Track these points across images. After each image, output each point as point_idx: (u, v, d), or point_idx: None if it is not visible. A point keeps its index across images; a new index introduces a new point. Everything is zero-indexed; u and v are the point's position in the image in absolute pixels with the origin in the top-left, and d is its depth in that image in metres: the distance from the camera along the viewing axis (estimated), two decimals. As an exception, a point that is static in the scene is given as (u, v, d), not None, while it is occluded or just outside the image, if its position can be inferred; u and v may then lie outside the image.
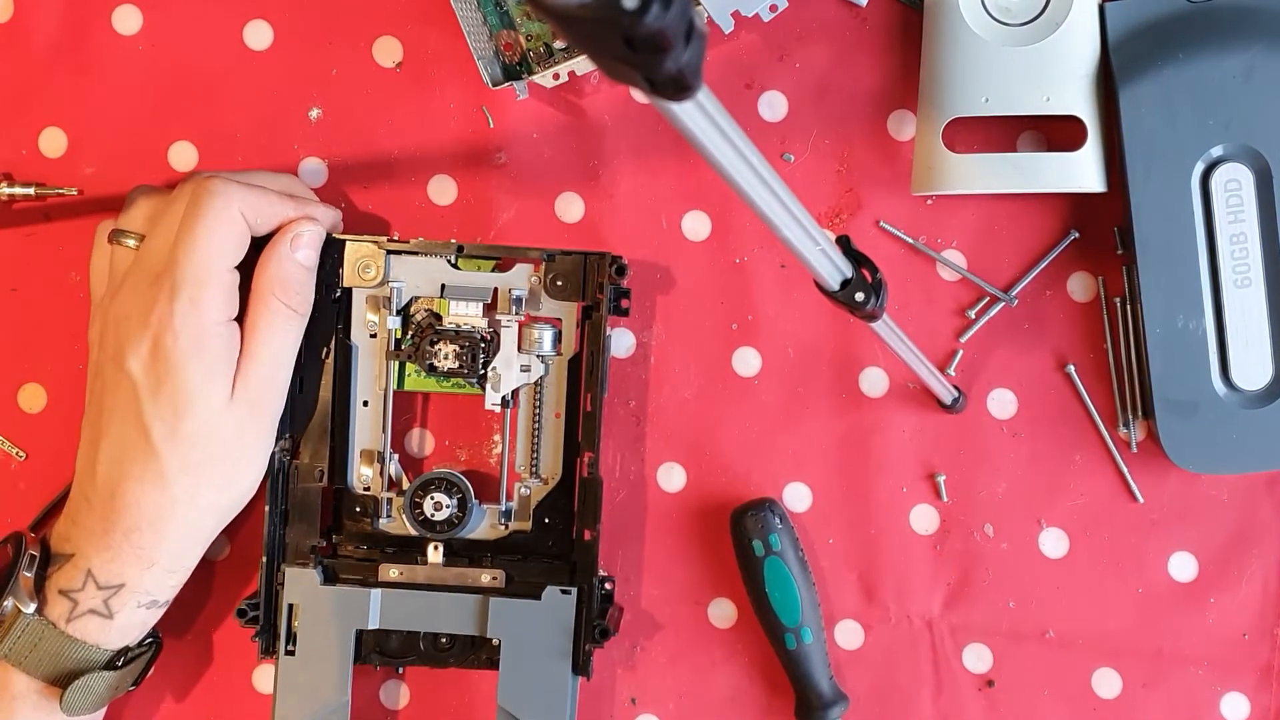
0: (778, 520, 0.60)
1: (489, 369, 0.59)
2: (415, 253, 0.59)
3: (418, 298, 0.60)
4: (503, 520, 0.60)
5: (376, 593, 0.58)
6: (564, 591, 0.57)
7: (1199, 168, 0.58)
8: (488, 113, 0.62)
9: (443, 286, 0.59)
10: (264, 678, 0.62)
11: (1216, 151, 0.57)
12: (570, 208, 0.62)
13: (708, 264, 0.62)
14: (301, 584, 0.58)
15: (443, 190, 0.62)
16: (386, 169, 0.62)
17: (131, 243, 0.56)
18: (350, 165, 0.62)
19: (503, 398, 0.60)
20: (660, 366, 0.62)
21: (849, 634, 0.62)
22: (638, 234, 0.62)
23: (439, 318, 0.60)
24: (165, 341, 0.53)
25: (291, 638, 0.58)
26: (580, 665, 0.58)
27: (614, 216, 0.62)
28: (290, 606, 0.58)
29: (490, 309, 0.59)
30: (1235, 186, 0.58)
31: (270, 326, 0.55)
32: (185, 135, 0.63)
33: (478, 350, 0.59)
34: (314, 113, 0.63)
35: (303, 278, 0.56)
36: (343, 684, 0.57)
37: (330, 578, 0.59)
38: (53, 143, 0.63)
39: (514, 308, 0.59)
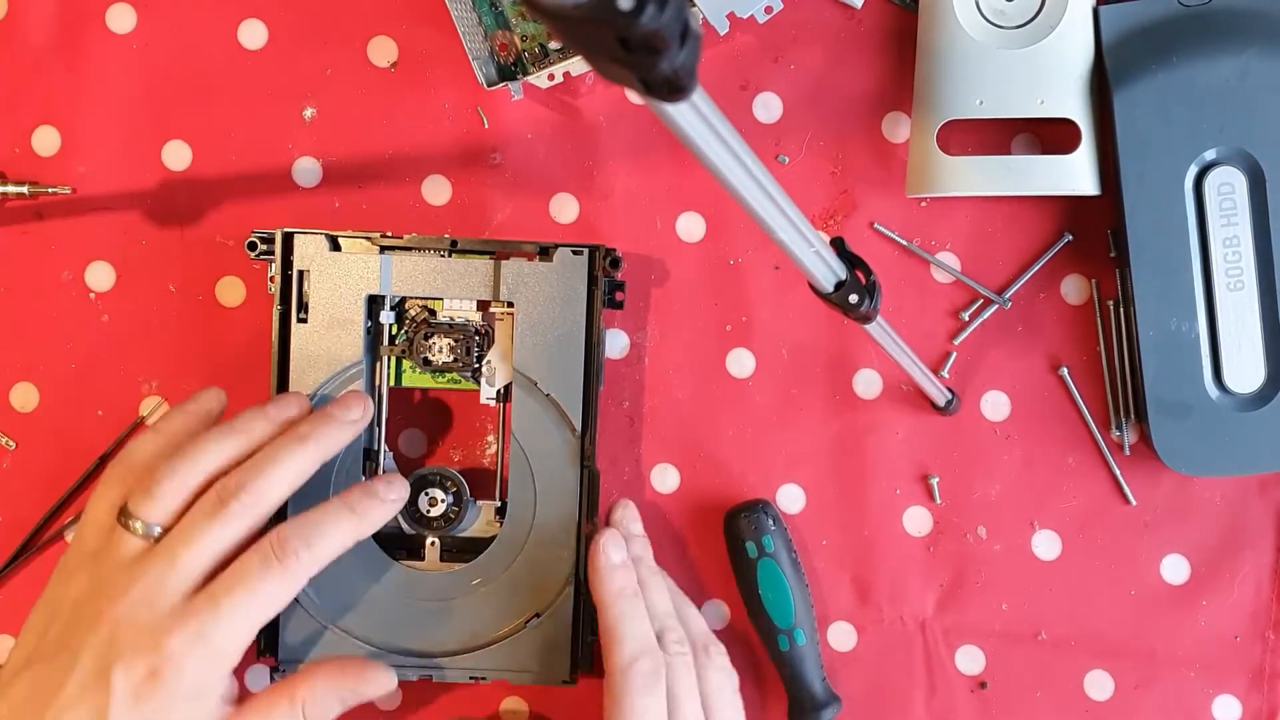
0: (771, 522, 0.60)
1: (483, 363, 0.59)
2: (409, 248, 0.59)
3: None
4: (498, 516, 0.60)
5: (387, 258, 0.58)
6: (575, 252, 0.58)
7: (1192, 171, 0.58)
8: (482, 113, 0.62)
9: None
10: (256, 678, 0.62)
11: (1210, 155, 0.58)
12: (565, 208, 0.62)
13: (702, 265, 0.62)
14: (311, 248, 0.58)
15: (437, 191, 0.62)
16: (381, 169, 0.62)
17: (142, 529, 0.51)
18: (344, 165, 0.62)
19: (497, 391, 0.60)
20: (654, 367, 0.62)
21: (842, 635, 0.62)
22: (632, 235, 0.62)
23: (433, 312, 0.60)
24: (167, 674, 0.49)
25: (304, 307, 0.58)
26: (580, 659, 0.58)
27: (609, 217, 0.62)
28: (301, 273, 0.58)
29: (484, 303, 0.59)
30: (1228, 190, 0.58)
31: None
32: (179, 134, 0.62)
33: (472, 343, 0.59)
34: (308, 112, 0.62)
35: None
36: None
37: (335, 245, 0.59)
38: (46, 141, 0.63)
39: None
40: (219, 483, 0.52)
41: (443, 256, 0.58)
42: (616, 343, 0.62)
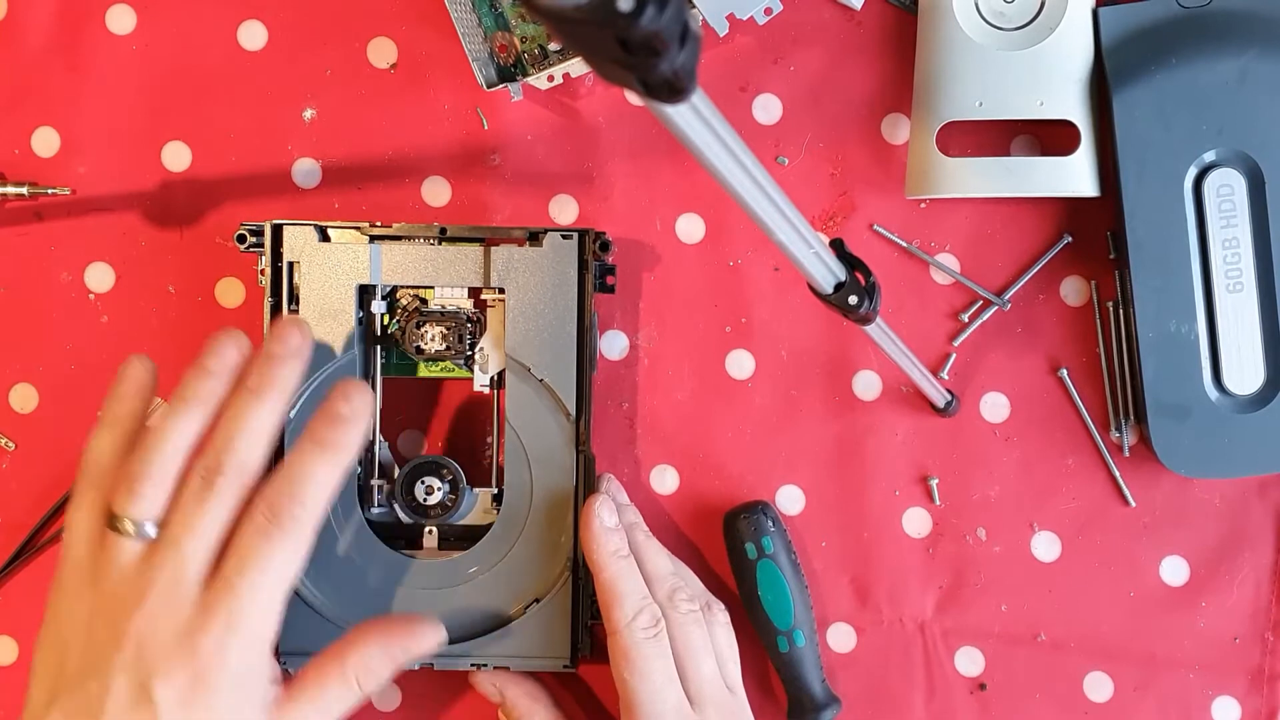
0: (771, 523, 0.60)
1: (476, 350, 0.59)
2: (399, 237, 0.59)
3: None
4: (495, 503, 0.60)
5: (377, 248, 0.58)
6: (565, 237, 0.58)
7: (1192, 172, 0.58)
8: (482, 114, 0.62)
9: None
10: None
11: (1209, 156, 0.58)
12: (564, 210, 0.62)
13: (702, 266, 0.62)
14: (300, 239, 0.58)
15: (437, 192, 0.62)
16: (380, 170, 0.62)
17: (135, 529, 0.49)
18: (344, 166, 0.62)
19: (491, 378, 0.60)
20: (653, 369, 0.62)
21: (841, 637, 0.62)
22: (632, 236, 0.62)
23: (424, 301, 0.60)
24: (209, 676, 0.48)
25: (295, 298, 0.58)
26: (580, 643, 0.58)
27: (608, 218, 0.62)
28: (291, 264, 0.58)
29: (475, 290, 0.60)
30: (1228, 191, 0.58)
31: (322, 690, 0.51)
32: (179, 135, 0.62)
33: (464, 331, 0.59)
34: (308, 113, 0.62)
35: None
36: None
37: (323, 236, 0.59)
38: (45, 142, 0.63)
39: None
40: (199, 464, 0.50)
41: (432, 244, 0.58)
42: (616, 344, 0.62)
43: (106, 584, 0.49)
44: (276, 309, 0.58)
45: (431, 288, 0.59)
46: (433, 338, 0.59)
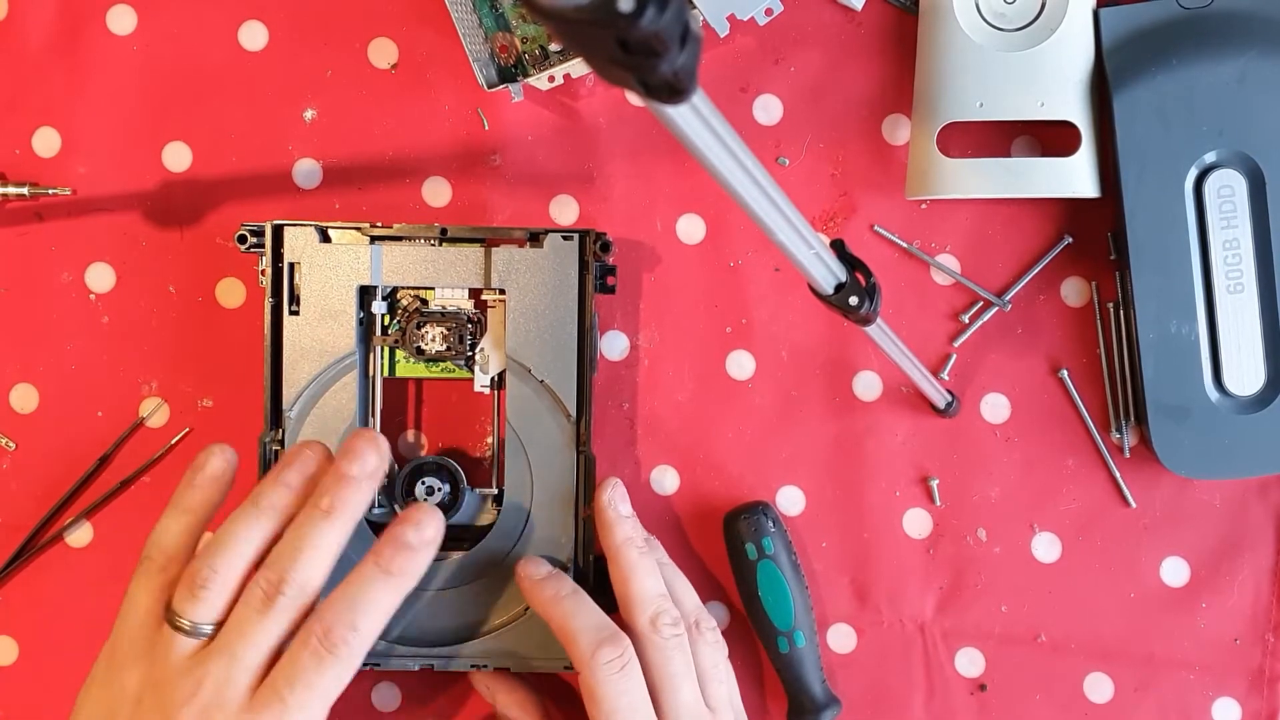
0: (771, 524, 0.60)
1: (476, 351, 0.59)
2: (399, 238, 0.59)
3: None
4: (496, 504, 0.60)
5: (377, 249, 0.58)
6: (565, 237, 0.58)
7: (1192, 173, 0.58)
8: (483, 115, 0.62)
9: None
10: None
11: (1210, 157, 0.58)
12: (565, 210, 0.62)
13: (702, 267, 0.62)
14: (301, 240, 0.58)
15: (437, 192, 0.62)
16: (381, 171, 0.62)
17: (192, 627, 0.51)
18: (344, 167, 0.62)
19: (491, 379, 0.60)
20: (654, 369, 0.62)
21: (842, 638, 0.62)
22: (632, 237, 0.62)
23: (425, 302, 0.60)
24: None
25: (295, 299, 0.58)
26: None
27: (608, 219, 0.62)
28: (292, 265, 0.58)
29: (476, 291, 0.60)
30: (1228, 192, 0.58)
31: None
32: (179, 136, 0.63)
33: (465, 331, 0.59)
34: (309, 114, 0.62)
35: None
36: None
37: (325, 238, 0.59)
38: (46, 142, 0.63)
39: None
40: (262, 576, 0.51)
41: (433, 245, 0.58)
42: (616, 345, 0.62)
43: (158, 669, 0.50)
44: (277, 309, 0.58)
45: (432, 288, 0.59)
46: (433, 338, 0.59)
